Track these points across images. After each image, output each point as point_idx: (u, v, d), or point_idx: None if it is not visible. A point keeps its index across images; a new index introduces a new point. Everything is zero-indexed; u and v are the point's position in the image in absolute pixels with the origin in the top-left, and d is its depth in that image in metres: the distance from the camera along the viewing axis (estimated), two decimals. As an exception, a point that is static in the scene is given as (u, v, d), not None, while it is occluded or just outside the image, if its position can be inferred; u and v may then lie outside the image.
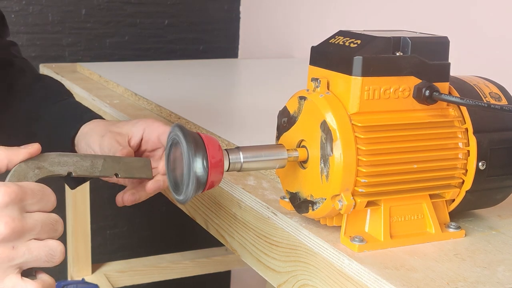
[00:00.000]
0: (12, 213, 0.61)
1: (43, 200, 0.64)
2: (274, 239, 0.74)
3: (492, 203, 0.75)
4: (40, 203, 0.64)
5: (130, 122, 0.86)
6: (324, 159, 0.65)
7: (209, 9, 2.01)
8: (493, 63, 1.26)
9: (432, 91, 0.66)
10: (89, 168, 0.73)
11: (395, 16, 1.51)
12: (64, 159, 0.72)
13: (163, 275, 1.86)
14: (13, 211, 0.61)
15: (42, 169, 0.70)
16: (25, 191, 0.63)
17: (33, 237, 0.62)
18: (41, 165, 0.70)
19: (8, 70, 1.05)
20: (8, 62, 1.06)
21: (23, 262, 0.62)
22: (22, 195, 0.62)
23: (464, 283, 0.60)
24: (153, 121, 0.85)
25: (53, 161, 0.71)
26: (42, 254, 0.63)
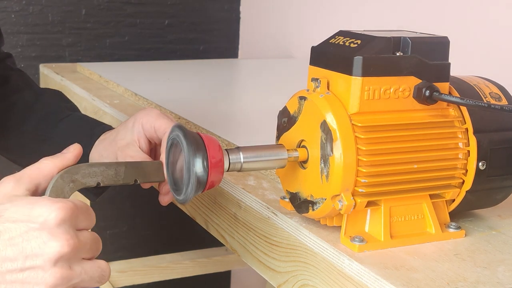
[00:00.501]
0: (69, 230, 0.60)
1: (89, 217, 0.63)
2: (274, 239, 0.74)
3: (492, 203, 0.75)
4: (86, 220, 0.62)
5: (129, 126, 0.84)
6: (324, 159, 0.65)
7: (209, 9, 2.00)
8: (493, 63, 1.26)
9: (432, 91, 0.66)
10: (114, 176, 0.72)
11: (395, 16, 1.51)
12: (93, 170, 0.70)
13: (163, 275, 1.86)
14: (70, 228, 0.60)
15: (76, 182, 0.68)
16: (78, 208, 0.61)
17: (83, 256, 0.61)
18: (75, 178, 0.68)
19: (5, 89, 1.03)
20: (5, 79, 1.04)
21: (79, 283, 0.61)
22: (76, 212, 0.61)
23: (464, 283, 0.60)
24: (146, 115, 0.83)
25: (85, 172, 0.69)
26: (95, 274, 0.62)
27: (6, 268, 0.58)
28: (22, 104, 1.01)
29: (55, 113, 0.99)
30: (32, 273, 0.58)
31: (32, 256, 0.58)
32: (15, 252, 0.58)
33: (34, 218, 0.59)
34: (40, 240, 0.58)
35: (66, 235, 0.59)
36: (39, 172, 0.66)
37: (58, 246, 0.58)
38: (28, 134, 0.98)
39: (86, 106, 1.30)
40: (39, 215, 0.59)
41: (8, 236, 0.58)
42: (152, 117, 0.82)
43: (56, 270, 0.58)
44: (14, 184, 0.63)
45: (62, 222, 0.59)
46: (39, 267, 0.58)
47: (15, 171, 0.67)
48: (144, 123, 0.82)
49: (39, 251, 0.58)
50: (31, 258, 0.58)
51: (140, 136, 0.83)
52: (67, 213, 0.60)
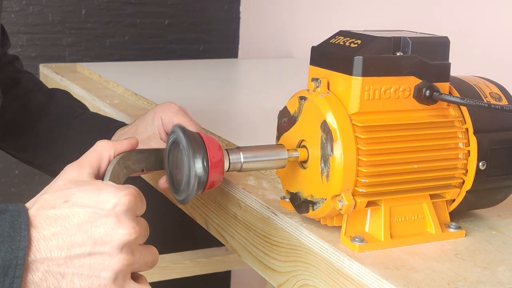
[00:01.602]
0: (133, 218, 0.61)
1: (144, 203, 0.64)
2: (274, 239, 0.74)
3: (492, 203, 0.75)
4: (143, 207, 0.63)
5: (149, 120, 0.86)
6: (324, 159, 0.65)
7: (209, 9, 2.00)
8: (493, 63, 1.26)
9: (433, 91, 0.66)
10: (154, 163, 0.72)
11: (396, 16, 1.51)
12: (140, 156, 0.71)
13: (163, 275, 1.86)
14: (133, 216, 0.61)
15: (128, 168, 0.69)
16: (138, 195, 0.62)
17: (140, 242, 0.62)
18: (127, 164, 0.69)
19: (16, 90, 1.05)
20: (15, 81, 1.06)
21: (137, 268, 0.62)
22: (137, 199, 0.62)
23: (464, 283, 0.60)
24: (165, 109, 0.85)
25: (135, 159, 0.70)
26: (150, 259, 0.63)
27: (74, 252, 0.59)
28: (35, 103, 1.03)
29: (69, 112, 1.00)
30: (99, 259, 0.59)
31: (100, 242, 0.59)
32: (83, 238, 0.59)
33: (101, 204, 0.60)
34: (108, 226, 0.59)
35: (132, 223, 0.60)
36: (98, 157, 0.67)
37: (125, 233, 0.60)
38: (42, 133, 1.00)
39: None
40: (106, 201, 0.60)
41: (76, 221, 0.59)
42: (171, 112, 0.84)
43: (122, 257, 0.60)
44: (78, 170, 0.64)
45: (127, 210, 0.60)
46: (106, 253, 0.59)
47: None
48: (164, 117, 0.84)
49: (108, 237, 0.59)
50: (100, 244, 0.59)
51: (161, 130, 0.85)
52: (132, 201, 0.61)
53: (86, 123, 0.98)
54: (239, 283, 2.24)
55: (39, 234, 0.58)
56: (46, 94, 1.05)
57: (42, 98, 1.03)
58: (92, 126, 0.96)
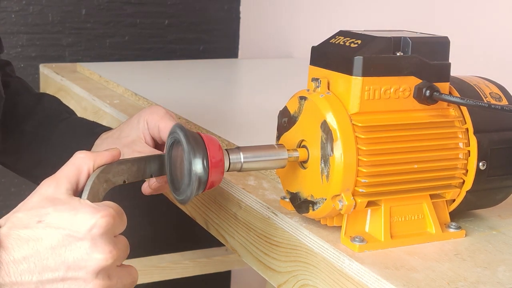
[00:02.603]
0: (110, 241, 0.59)
1: (123, 222, 0.61)
2: (274, 239, 0.74)
3: (492, 203, 0.75)
4: (121, 225, 0.61)
5: (134, 123, 0.84)
6: (324, 159, 0.65)
7: (209, 9, 2.00)
8: (493, 63, 1.26)
9: (433, 91, 0.66)
10: (136, 173, 0.69)
11: (396, 16, 1.50)
12: (122, 168, 0.68)
13: (163, 275, 1.86)
14: (110, 238, 0.59)
15: (108, 182, 0.66)
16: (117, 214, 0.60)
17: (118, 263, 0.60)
18: (107, 178, 0.66)
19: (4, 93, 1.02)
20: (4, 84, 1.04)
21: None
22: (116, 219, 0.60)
23: (464, 283, 0.60)
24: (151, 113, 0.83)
25: (115, 171, 0.67)
26: (128, 281, 0.61)
27: (46, 277, 0.57)
28: (23, 106, 1.01)
29: (55, 115, 0.99)
30: (73, 285, 0.57)
31: (74, 267, 0.57)
32: (56, 262, 0.57)
33: (77, 226, 0.58)
34: (83, 251, 0.57)
35: (108, 247, 0.58)
36: (77, 171, 0.63)
37: (101, 259, 0.58)
38: (27, 135, 0.98)
39: (86, 106, 1.30)
40: (82, 223, 0.58)
41: (49, 243, 0.57)
42: (157, 115, 0.82)
43: (97, 282, 0.58)
44: (55, 185, 0.61)
45: (104, 232, 0.58)
46: (81, 278, 0.57)
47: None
48: (149, 121, 0.82)
49: (82, 262, 0.57)
50: (74, 269, 0.57)
51: (146, 133, 0.83)
52: (110, 222, 0.59)
53: (70, 126, 0.95)
54: (239, 283, 2.24)
55: (9, 257, 0.56)
56: (33, 97, 1.03)
57: (29, 102, 1.01)
58: (76, 130, 0.94)
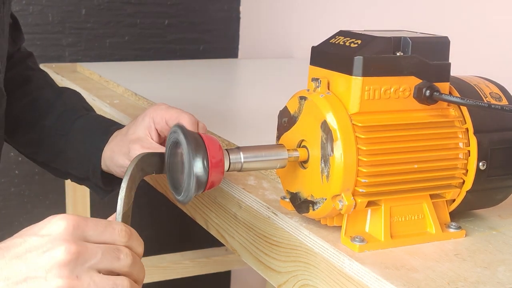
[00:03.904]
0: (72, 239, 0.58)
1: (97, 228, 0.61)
2: (274, 239, 0.74)
3: (492, 203, 0.75)
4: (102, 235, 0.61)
5: (139, 121, 0.87)
6: (324, 159, 0.65)
7: (209, 9, 2.00)
8: (493, 63, 1.26)
9: (433, 91, 0.66)
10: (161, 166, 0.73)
11: (396, 16, 1.51)
12: (154, 159, 0.72)
13: (163, 275, 1.86)
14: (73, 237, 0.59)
15: (143, 171, 0.70)
16: (87, 223, 0.60)
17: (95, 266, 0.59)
18: (143, 167, 0.70)
19: (27, 88, 1.06)
20: (27, 78, 1.07)
21: None
22: (83, 223, 0.60)
23: (464, 283, 0.60)
24: (155, 109, 0.86)
25: (149, 162, 0.71)
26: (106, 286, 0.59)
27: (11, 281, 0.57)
28: (43, 101, 1.04)
29: (74, 111, 1.01)
30: (35, 284, 0.57)
31: (33, 266, 0.57)
32: (19, 264, 0.58)
33: (39, 231, 0.59)
34: (41, 249, 0.58)
35: (67, 243, 0.58)
36: None
37: (58, 253, 0.57)
38: (47, 130, 1.01)
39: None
40: (43, 227, 0.59)
41: (14, 251, 0.58)
42: (162, 110, 0.85)
43: (58, 280, 0.57)
44: None
45: (65, 231, 0.59)
46: (40, 277, 0.57)
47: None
48: (155, 116, 0.85)
49: (40, 261, 0.57)
50: (33, 269, 0.57)
51: (151, 130, 0.85)
52: (70, 223, 0.59)
53: (87, 124, 0.98)
54: (239, 283, 2.24)
55: None
56: (54, 92, 1.06)
57: (50, 96, 1.04)
58: (92, 127, 0.97)
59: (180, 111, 0.83)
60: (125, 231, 0.62)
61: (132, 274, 0.61)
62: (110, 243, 0.61)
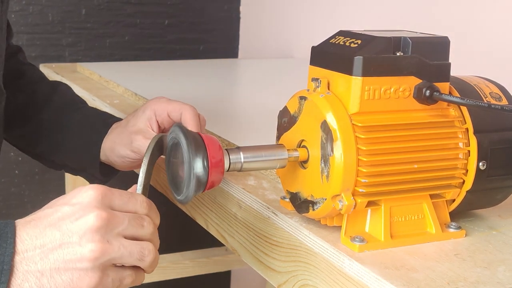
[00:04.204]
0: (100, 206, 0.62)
1: (130, 201, 0.65)
2: (274, 239, 0.74)
3: (492, 203, 0.75)
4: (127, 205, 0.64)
5: (139, 114, 0.88)
6: (324, 159, 0.65)
7: (209, 9, 2.00)
8: (493, 63, 1.26)
9: (433, 91, 0.66)
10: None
11: (396, 16, 1.51)
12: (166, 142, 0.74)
13: (163, 275, 1.86)
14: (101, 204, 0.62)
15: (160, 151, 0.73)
16: (113, 193, 0.64)
17: (123, 232, 0.62)
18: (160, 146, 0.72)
19: (20, 82, 1.07)
20: (20, 73, 1.08)
21: (118, 258, 0.62)
22: (110, 194, 0.63)
23: (464, 283, 0.60)
24: (156, 102, 0.87)
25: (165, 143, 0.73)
26: (134, 250, 0.63)
27: (47, 247, 0.60)
28: (41, 94, 1.05)
29: (71, 104, 1.03)
30: (70, 249, 0.60)
31: (68, 233, 0.60)
32: (54, 232, 0.61)
33: (69, 200, 0.62)
34: (73, 217, 0.61)
35: (98, 210, 0.61)
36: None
37: (90, 219, 0.60)
38: (44, 122, 1.02)
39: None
40: (73, 197, 0.63)
41: (46, 220, 0.61)
42: (163, 102, 0.87)
43: (92, 244, 0.60)
44: None
45: (94, 199, 0.62)
46: (75, 242, 0.60)
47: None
48: (156, 109, 0.87)
49: (73, 227, 0.60)
50: (67, 235, 0.60)
51: (152, 122, 0.87)
52: (99, 192, 0.62)
53: (85, 116, 1.00)
54: (239, 283, 2.24)
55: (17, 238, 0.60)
56: (50, 85, 1.07)
57: (46, 89, 1.06)
58: (90, 120, 0.99)
59: (182, 104, 0.85)
60: (146, 202, 0.66)
61: (153, 241, 0.66)
62: (132, 211, 0.65)
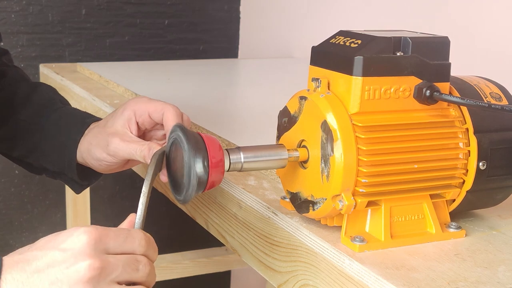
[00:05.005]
0: (94, 253, 0.59)
1: (127, 241, 0.61)
2: (274, 239, 0.74)
3: (492, 203, 0.75)
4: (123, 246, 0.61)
5: (118, 114, 0.85)
6: (324, 159, 0.65)
7: (209, 9, 2.00)
8: (493, 63, 1.26)
9: (433, 91, 0.66)
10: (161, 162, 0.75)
11: (396, 16, 1.51)
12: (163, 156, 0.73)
13: (163, 275, 1.86)
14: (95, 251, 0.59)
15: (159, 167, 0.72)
16: (106, 231, 0.60)
17: (116, 279, 0.60)
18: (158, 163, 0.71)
19: (1, 81, 1.04)
20: (1, 73, 1.06)
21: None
22: (105, 235, 0.60)
23: (464, 283, 0.60)
24: (137, 102, 0.85)
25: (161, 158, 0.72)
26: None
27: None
28: (20, 95, 1.02)
29: (49, 105, 1.00)
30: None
31: (57, 283, 0.58)
32: (42, 279, 0.58)
33: (60, 244, 0.59)
34: (64, 265, 0.58)
35: (91, 258, 0.58)
36: None
37: (82, 269, 0.58)
38: (21, 124, 0.99)
39: (86, 106, 1.30)
40: (64, 241, 0.59)
41: (35, 265, 0.58)
42: (144, 102, 0.84)
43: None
44: None
45: (87, 246, 0.58)
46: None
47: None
48: (137, 109, 0.84)
49: (63, 277, 0.58)
50: (56, 285, 0.58)
51: (131, 123, 0.84)
52: (92, 237, 0.59)
53: (63, 116, 0.97)
54: (239, 283, 2.24)
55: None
56: (30, 86, 1.05)
57: (26, 90, 1.03)
58: (68, 120, 0.96)
59: (163, 103, 0.82)
60: (145, 240, 0.63)
61: (147, 282, 0.63)
62: (129, 253, 0.61)
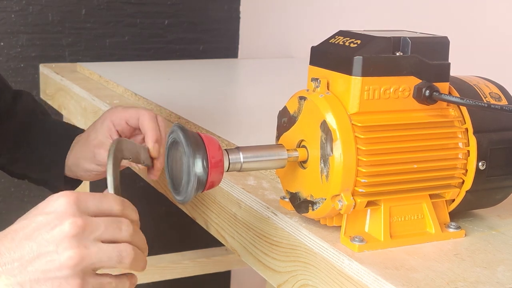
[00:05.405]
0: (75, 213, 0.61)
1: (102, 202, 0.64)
2: (274, 239, 0.74)
3: (492, 203, 0.75)
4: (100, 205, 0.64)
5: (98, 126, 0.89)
6: (324, 159, 0.65)
7: (209, 9, 2.00)
8: (493, 63, 1.26)
9: (432, 91, 0.66)
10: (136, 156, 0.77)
11: (395, 16, 1.51)
12: (131, 146, 0.76)
13: (163, 275, 1.86)
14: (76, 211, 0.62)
15: (121, 153, 0.73)
16: (85, 196, 0.63)
17: (100, 237, 0.62)
18: (121, 149, 0.73)
19: None
20: None
21: (97, 262, 0.61)
22: (84, 198, 0.63)
23: (464, 283, 0.60)
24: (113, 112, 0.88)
25: (127, 147, 0.74)
26: (113, 254, 0.62)
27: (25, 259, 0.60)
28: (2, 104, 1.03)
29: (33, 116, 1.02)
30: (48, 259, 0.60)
31: (44, 243, 0.60)
32: (30, 244, 0.61)
33: (43, 209, 0.62)
34: (49, 226, 0.61)
35: (74, 217, 0.61)
36: None
37: (66, 227, 0.60)
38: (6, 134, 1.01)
39: (86, 106, 1.30)
40: (46, 206, 0.62)
41: (22, 233, 0.61)
42: (119, 111, 0.88)
43: (70, 251, 0.60)
44: None
45: (68, 206, 0.61)
46: (52, 251, 0.60)
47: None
48: (114, 119, 0.87)
49: (49, 237, 0.60)
50: (44, 245, 0.60)
51: (112, 132, 0.88)
52: (71, 198, 0.62)
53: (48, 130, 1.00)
54: (239, 283, 2.24)
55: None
56: (12, 95, 1.06)
57: (8, 99, 1.04)
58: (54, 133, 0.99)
59: (138, 109, 0.86)
60: (119, 199, 0.65)
61: (134, 242, 0.65)
62: (107, 211, 0.64)
